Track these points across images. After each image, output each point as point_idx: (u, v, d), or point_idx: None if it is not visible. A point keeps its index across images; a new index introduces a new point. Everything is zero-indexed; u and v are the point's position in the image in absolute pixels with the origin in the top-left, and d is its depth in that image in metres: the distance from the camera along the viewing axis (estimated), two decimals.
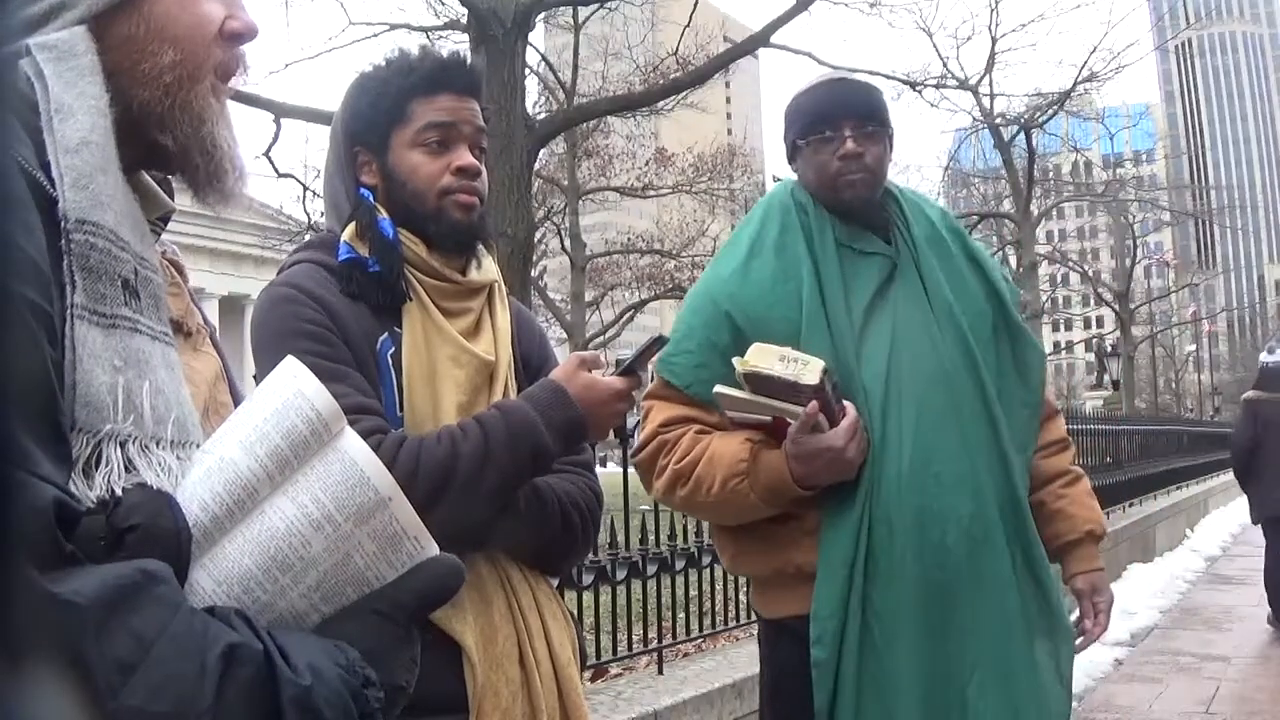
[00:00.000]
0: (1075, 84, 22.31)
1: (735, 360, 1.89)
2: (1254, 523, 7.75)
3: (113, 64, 0.86)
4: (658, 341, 1.64)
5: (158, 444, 0.79)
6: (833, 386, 1.88)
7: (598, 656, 3.45)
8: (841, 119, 2.04)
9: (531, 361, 1.73)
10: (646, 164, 27.04)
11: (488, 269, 1.68)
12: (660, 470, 2.02)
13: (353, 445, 0.82)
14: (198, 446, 0.83)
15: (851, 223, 2.06)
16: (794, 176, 2.17)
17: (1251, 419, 7.48)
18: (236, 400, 1.03)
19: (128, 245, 0.82)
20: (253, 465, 0.79)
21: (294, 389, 0.82)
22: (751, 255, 2.06)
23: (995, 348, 2.06)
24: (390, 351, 1.56)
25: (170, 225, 1.02)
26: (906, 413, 1.93)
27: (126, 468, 0.76)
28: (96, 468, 0.75)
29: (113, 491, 0.74)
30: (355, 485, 0.80)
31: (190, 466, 0.80)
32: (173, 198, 0.97)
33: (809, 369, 1.85)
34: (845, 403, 1.89)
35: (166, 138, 0.89)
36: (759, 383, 1.87)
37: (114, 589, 0.66)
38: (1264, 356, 7.93)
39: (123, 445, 0.76)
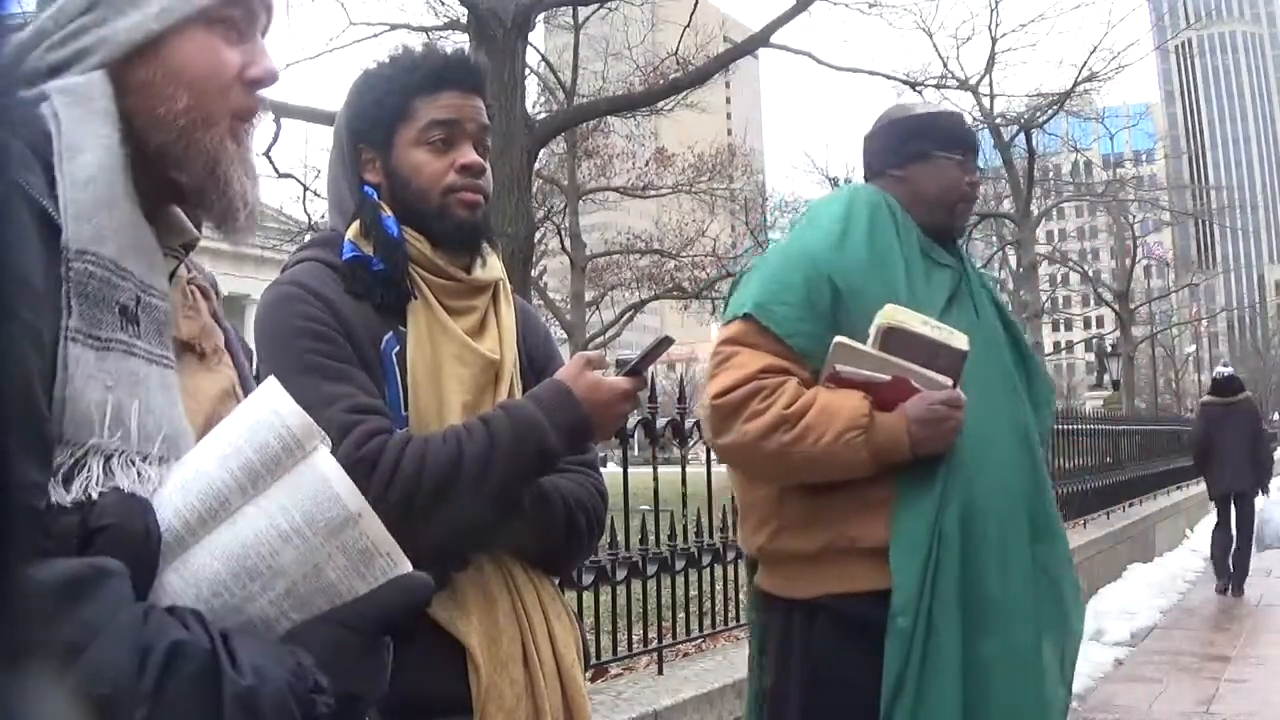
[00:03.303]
0: (1075, 84, 22.32)
1: (879, 313, 1.95)
2: (1210, 499, 9.78)
3: (131, 107, 0.92)
4: (664, 342, 1.64)
5: (144, 459, 0.84)
6: None
7: (598, 656, 3.44)
8: (974, 153, 2.22)
9: (536, 360, 1.72)
10: (646, 164, 27.02)
11: (493, 267, 1.67)
12: (754, 414, 1.99)
13: (324, 462, 0.86)
14: None
15: (930, 235, 2.17)
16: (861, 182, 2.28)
17: (1203, 419, 9.64)
18: None
19: (129, 274, 0.87)
20: (225, 477, 0.84)
21: (269, 407, 0.87)
22: (845, 234, 2.11)
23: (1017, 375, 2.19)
24: (395, 350, 1.55)
25: None
26: (968, 410, 2.02)
27: (106, 477, 0.82)
28: (77, 476, 0.81)
29: (89, 496, 0.80)
30: (325, 500, 0.84)
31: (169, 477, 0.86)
32: (199, 227, 1.04)
33: (956, 336, 1.92)
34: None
35: (182, 176, 0.96)
36: (896, 339, 1.91)
37: (68, 579, 0.73)
38: (1219, 369, 10.49)
39: (108, 458, 0.82)
